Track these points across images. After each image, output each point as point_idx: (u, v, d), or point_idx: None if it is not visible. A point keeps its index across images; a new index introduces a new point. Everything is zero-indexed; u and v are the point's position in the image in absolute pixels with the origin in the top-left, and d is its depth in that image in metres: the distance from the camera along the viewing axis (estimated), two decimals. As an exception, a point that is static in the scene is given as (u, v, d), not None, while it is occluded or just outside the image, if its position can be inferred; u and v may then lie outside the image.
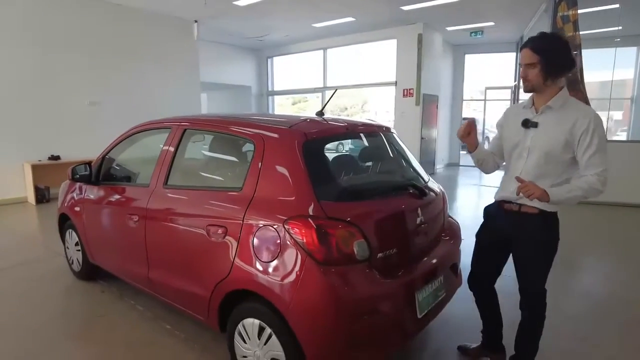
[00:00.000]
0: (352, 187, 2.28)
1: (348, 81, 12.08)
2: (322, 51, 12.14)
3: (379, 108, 14.18)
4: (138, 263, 2.78)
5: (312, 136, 2.12)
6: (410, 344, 2.64)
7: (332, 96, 2.61)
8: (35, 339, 2.73)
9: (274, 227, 1.94)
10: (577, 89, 7.66)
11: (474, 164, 2.32)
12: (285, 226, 1.90)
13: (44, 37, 7.19)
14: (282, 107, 14.81)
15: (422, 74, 10.07)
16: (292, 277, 1.85)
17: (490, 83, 13.15)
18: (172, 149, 2.67)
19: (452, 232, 2.70)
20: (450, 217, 2.84)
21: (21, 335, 2.79)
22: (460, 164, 13.15)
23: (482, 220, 2.33)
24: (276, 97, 14.30)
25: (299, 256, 1.85)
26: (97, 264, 3.41)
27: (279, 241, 1.91)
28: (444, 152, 12.77)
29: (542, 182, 1.89)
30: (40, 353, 2.58)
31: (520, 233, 2.03)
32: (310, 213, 1.89)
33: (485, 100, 12.87)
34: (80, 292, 3.48)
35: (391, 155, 2.74)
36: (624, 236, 5.44)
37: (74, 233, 3.58)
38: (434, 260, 2.35)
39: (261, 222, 2.00)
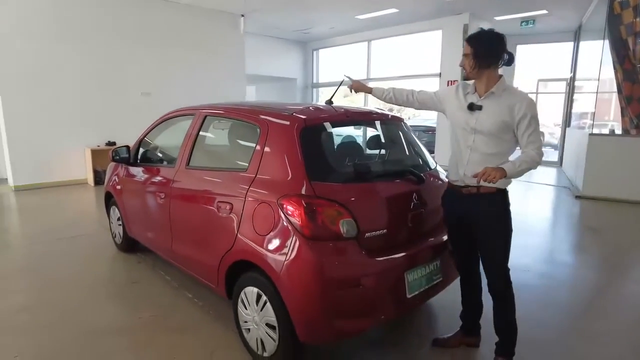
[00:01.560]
0: (345, 170, 2.40)
1: (392, 73, 11.99)
2: (366, 43, 12.14)
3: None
4: (164, 236, 3.09)
5: (311, 122, 2.28)
6: (409, 332, 2.74)
7: (339, 86, 2.74)
8: (84, 295, 3.25)
9: (270, 204, 2.13)
10: (635, 80, 7.13)
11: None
12: (279, 203, 2.08)
13: (103, 33, 7.86)
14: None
15: (467, 65, 9.79)
16: (283, 249, 2.02)
17: (544, 75, 12.46)
18: (194, 133, 2.94)
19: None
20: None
21: (74, 290, 3.33)
22: (508, 159, 12.59)
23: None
24: (324, 89, 14.45)
25: (290, 231, 2.01)
26: (134, 238, 3.80)
27: (273, 217, 2.09)
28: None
29: (491, 159, 2.07)
30: (87, 304, 3.11)
31: (478, 211, 2.17)
32: (302, 192, 2.06)
33: (537, 93, 12.20)
34: (121, 262, 3.93)
35: (396, 142, 2.83)
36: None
37: (116, 209, 4.01)
38: (430, 245, 2.42)
39: (260, 199, 2.20)
